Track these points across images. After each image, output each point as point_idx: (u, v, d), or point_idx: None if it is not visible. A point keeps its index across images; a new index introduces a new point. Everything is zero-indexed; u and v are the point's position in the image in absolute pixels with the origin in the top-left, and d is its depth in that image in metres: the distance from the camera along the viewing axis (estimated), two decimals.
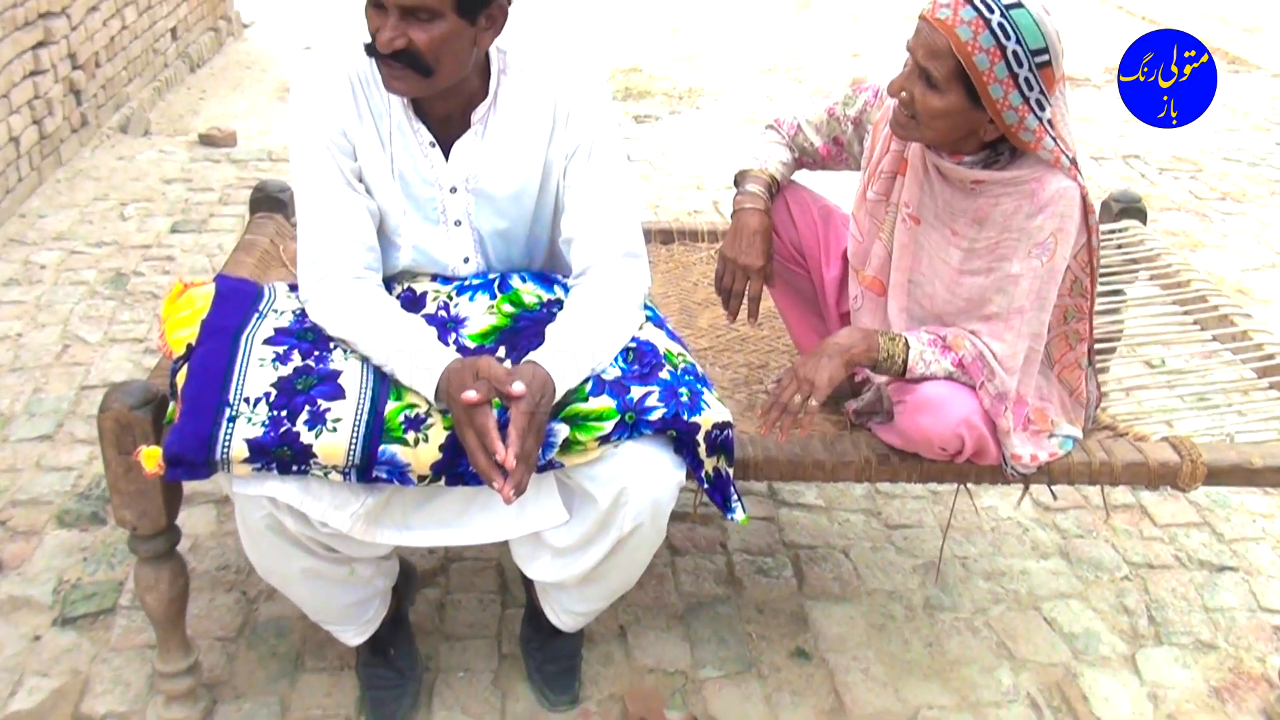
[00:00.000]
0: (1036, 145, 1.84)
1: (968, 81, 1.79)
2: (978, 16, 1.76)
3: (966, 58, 1.76)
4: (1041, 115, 1.82)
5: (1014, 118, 1.80)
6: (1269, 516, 2.81)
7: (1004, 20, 1.76)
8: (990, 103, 1.79)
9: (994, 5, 1.76)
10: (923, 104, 1.84)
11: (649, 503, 1.81)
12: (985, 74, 1.77)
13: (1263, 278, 4.07)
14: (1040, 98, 1.81)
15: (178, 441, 1.73)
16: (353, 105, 1.89)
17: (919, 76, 1.84)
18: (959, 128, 1.86)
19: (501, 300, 1.97)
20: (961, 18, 1.76)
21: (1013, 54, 1.76)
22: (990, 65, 1.76)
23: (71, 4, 4.76)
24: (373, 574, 2.02)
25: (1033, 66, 1.77)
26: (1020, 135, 1.83)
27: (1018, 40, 1.76)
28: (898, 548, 2.66)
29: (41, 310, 3.61)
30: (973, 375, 1.91)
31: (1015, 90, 1.78)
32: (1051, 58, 1.79)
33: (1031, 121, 1.81)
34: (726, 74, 6.66)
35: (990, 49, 1.75)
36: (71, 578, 2.48)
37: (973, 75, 1.77)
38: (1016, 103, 1.79)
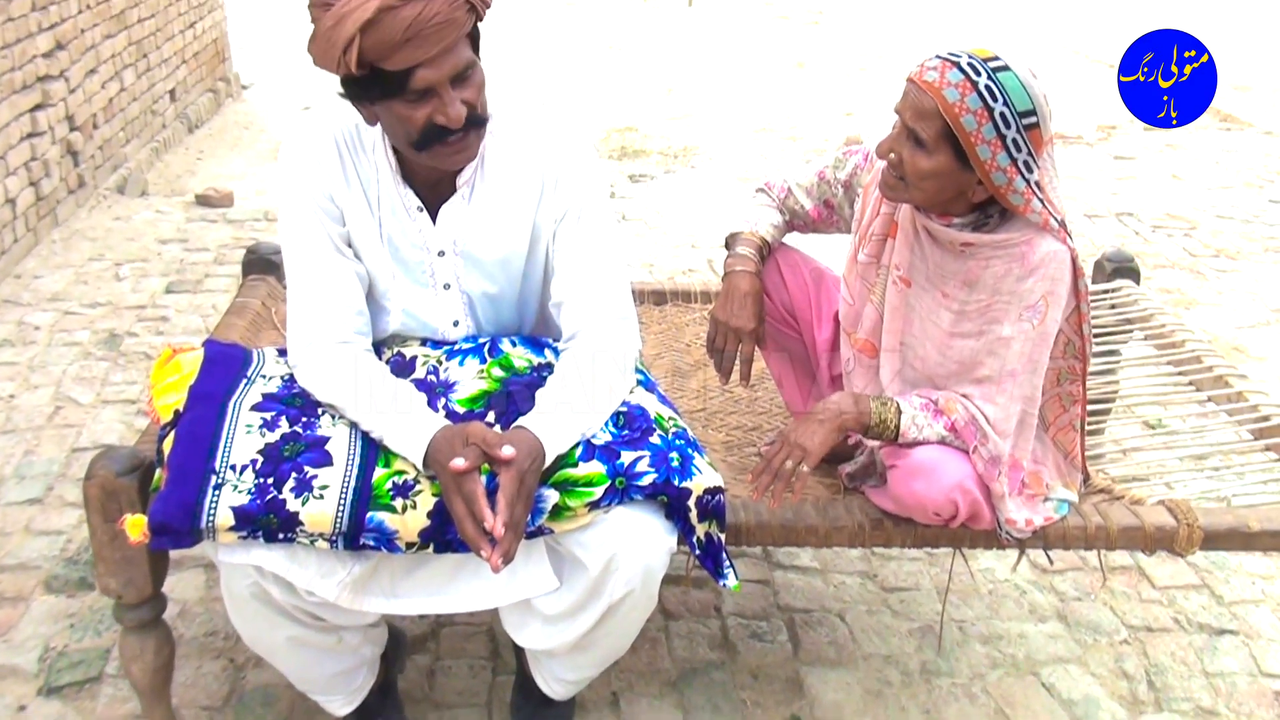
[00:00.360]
0: (1026, 208, 1.85)
1: (956, 143, 1.80)
2: (965, 79, 1.77)
3: (954, 119, 1.77)
4: (1030, 177, 1.82)
5: (1003, 179, 1.81)
6: (1268, 578, 2.78)
7: (991, 82, 1.77)
8: (979, 164, 1.80)
9: (980, 68, 1.77)
10: (911, 165, 1.84)
11: (640, 569, 1.79)
12: (973, 135, 1.77)
13: (1258, 335, 4.06)
14: (1028, 159, 1.81)
15: (163, 510, 1.71)
16: (340, 170, 1.89)
17: (907, 138, 1.84)
18: (948, 189, 1.87)
19: (492, 364, 1.97)
20: (949, 80, 1.77)
21: (1000, 115, 1.77)
22: (978, 126, 1.77)
23: (70, 67, 4.81)
24: (360, 642, 2.00)
25: (1020, 128, 1.78)
26: (1009, 197, 1.83)
27: (1005, 102, 1.77)
28: (894, 611, 2.63)
29: (34, 371, 3.60)
30: (965, 439, 1.90)
31: (1003, 151, 1.78)
32: (1039, 120, 1.80)
33: (1020, 183, 1.82)
34: (721, 133, 6.71)
35: (978, 110, 1.76)
36: (58, 645, 2.44)
37: (960, 136, 1.78)
38: (1005, 164, 1.79)
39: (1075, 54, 9.20)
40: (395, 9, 1.65)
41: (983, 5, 11.06)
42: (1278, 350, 3.95)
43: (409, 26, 1.66)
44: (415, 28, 1.66)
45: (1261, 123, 6.95)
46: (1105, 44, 9.25)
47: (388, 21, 1.65)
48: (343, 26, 1.66)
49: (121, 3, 5.42)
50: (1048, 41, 9.62)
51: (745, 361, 2.16)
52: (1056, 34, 9.84)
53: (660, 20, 10.64)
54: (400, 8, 1.65)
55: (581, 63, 8.64)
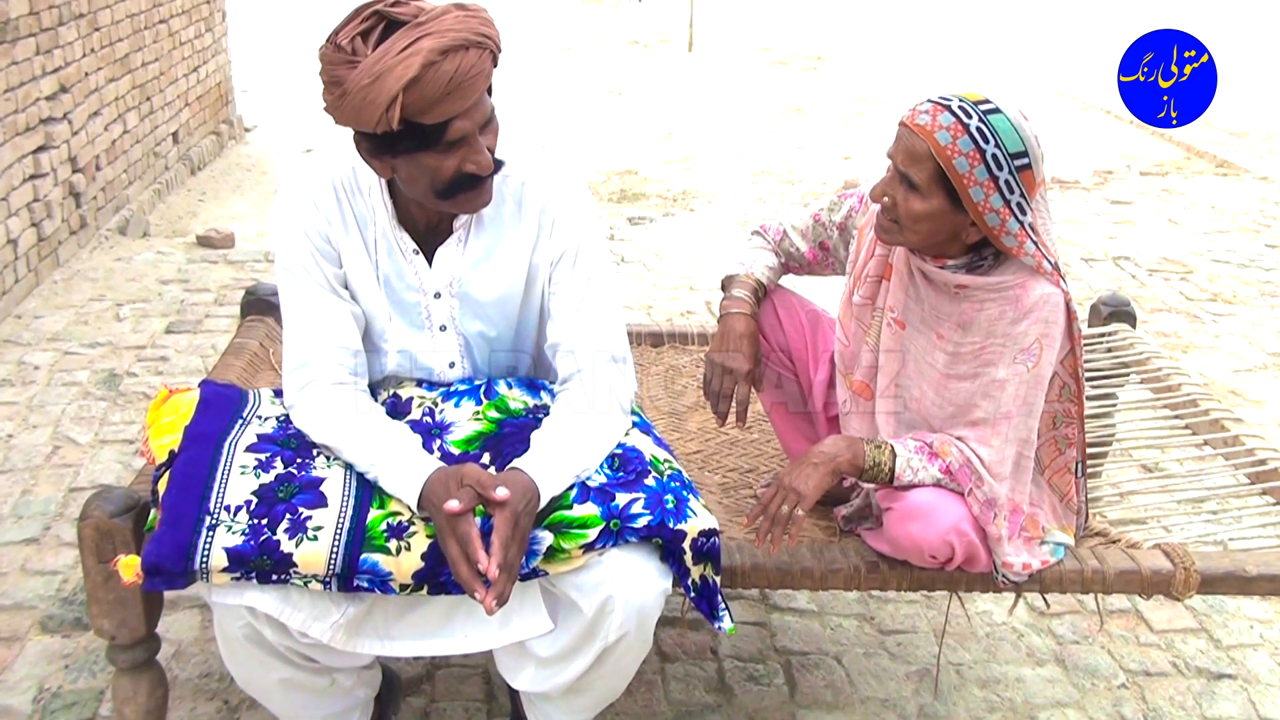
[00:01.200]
0: (1019, 250, 1.86)
1: (949, 185, 1.81)
2: (956, 121, 1.79)
3: (946, 161, 1.79)
4: (1023, 219, 1.84)
5: (996, 220, 1.82)
6: (1267, 623, 2.77)
7: (982, 125, 1.79)
8: (971, 205, 1.81)
9: (972, 110, 1.80)
10: (905, 208, 1.86)
11: (634, 611, 1.78)
12: (965, 177, 1.79)
13: (1254, 379, 4.07)
14: (1021, 201, 1.83)
15: (156, 551, 1.71)
16: (337, 212, 1.91)
17: (900, 181, 1.86)
18: (941, 230, 1.88)
19: (488, 406, 1.97)
20: (940, 123, 1.79)
21: (992, 157, 1.79)
22: (970, 168, 1.78)
23: (73, 109, 4.86)
24: (354, 684, 1.99)
25: (1012, 169, 1.80)
26: (1003, 239, 1.85)
27: (996, 144, 1.79)
28: (891, 654, 2.62)
29: (33, 411, 3.61)
30: (960, 482, 1.90)
31: (996, 193, 1.80)
32: (1031, 161, 1.82)
33: (1013, 224, 1.83)
34: (720, 177, 6.77)
35: (969, 153, 1.78)
36: (52, 686, 2.43)
37: (953, 178, 1.80)
38: (998, 205, 1.81)
39: (1071, 100, 9.29)
40: (437, 64, 1.67)
41: (978, 52, 11.18)
42: (1274, 394, 3.96)
43: (449, 81, 1.68)
44: (455, 81, 1.69)
45: (1257, 169, 7.01)
46: (1100, 90, 9.34)
47: (430, 77, 1.67)
48: (383, 84, 1.66)
49: (126, 47, 5.49)
50: (1043, 87, 9.71)
51: (741, 403, 2.16)
52: (1051, 80, 9.94)
53: (660, 66, 10.76)
54: (441, 63, 1.67)
55: (582, 107, 8.72)
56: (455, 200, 1.82)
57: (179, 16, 6.28)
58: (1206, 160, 7.18)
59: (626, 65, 10.77)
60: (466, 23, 1.71)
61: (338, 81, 1.70)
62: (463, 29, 1.70)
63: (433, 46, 1.66)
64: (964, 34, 12.87)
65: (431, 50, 1.66)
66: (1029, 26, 13.64)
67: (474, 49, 1.70)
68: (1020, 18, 14.45)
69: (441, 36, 1.68)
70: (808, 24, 13.76)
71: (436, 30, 1.68)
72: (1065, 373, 2.01)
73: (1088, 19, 14.25)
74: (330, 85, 1.72)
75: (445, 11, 1.72)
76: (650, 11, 14.65)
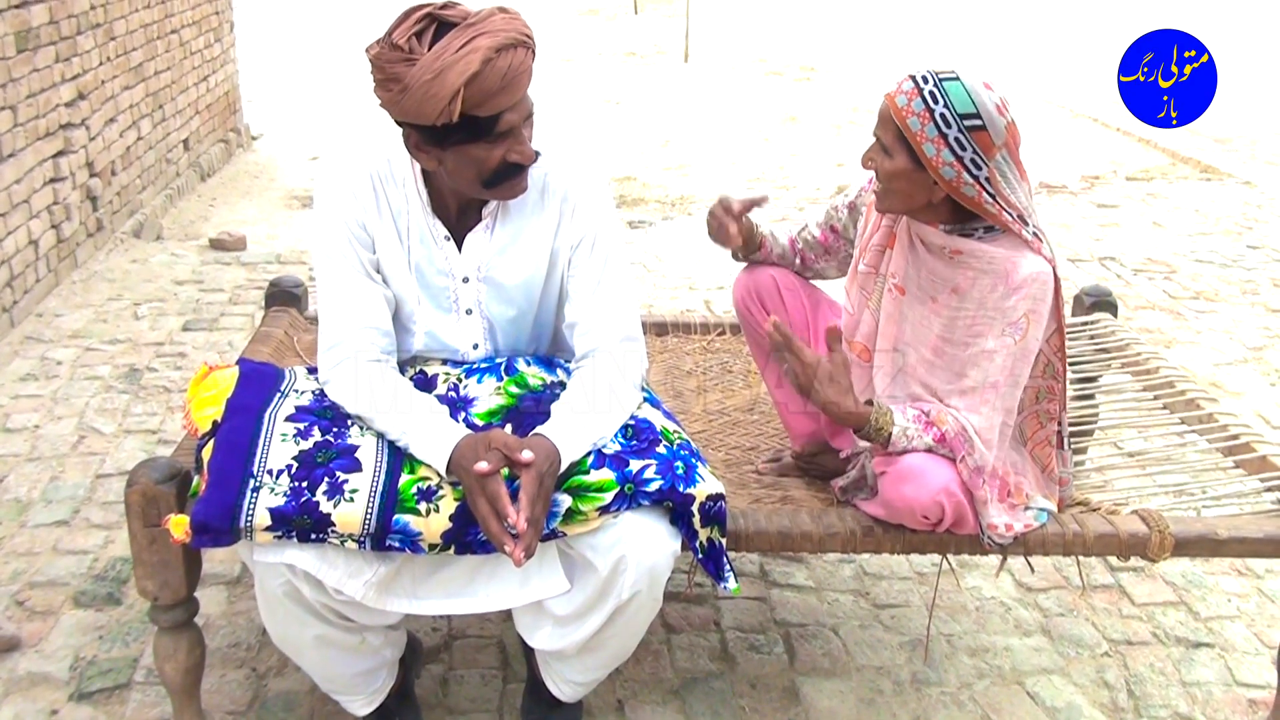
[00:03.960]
0: (979, 200, 2.03)
1: (908, 144, 2.01)
2: (914, 87, 2.00)
3: (901, 120, 2.00)
4: (977, 174, 2.00)
5: (951, 174, 2.00)
6: (1243, 596, 2.90)
7: (935, 89, 1.99)
8: (926, 160, 2.00)
9: (929, 76, 2.01)
10: (881, 169, 2.08)
11: (646, 570, 1.92)
12: (918, 134, 1.99)
13: (1235, 372, 4.22)
14: (975, 158, 2.00)
15: (204, 510, 1.84)
16: (373, 201, 2.05)
17: (877, 146, 2.08)
18: (914, 191, 2.06)
19: (508, 382, 2.11)
20: (902, 89, 2.02)
21: (940, 116, 1.98)
22: (921, 126, 1.99)
23: (91, 115, 5.00)
24: (381, 643, 2.11)
25: (962, 128, 1.98)
26: (962, 190, 2.02)
27: (945, 105, 1.98)
28: (885, 626, 2.75)
29: (58, 404, 3.74)
30: (955, 449, 2.04)
31: (946, 148, 1.98)
32: (985, 122, 1.99)
33: (968, 177, 2.00)
34: (717, 183, 6.92)
35: (920, 112, 1.99)
36: (88, 655, 2.56)
37: (908, 135, 2.00)
38: (949, 159, 1.99)
39: (1060, 108, 9.46)
40: (493, 60, 1.82)
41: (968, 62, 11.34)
42: (1254, 387, 4.11)
43: (504, 75, 1.84)
44: (509, 76, 1.85)
45: (1240, 173, 7.17)
46: (1088, 98, 9.52)
47: (488, 72, 1.82)
48: (445, 79, 1.80)
49: (140, 56, 5.63)
50: (1033, 96, 9.88)
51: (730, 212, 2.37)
52: (1041, 89, 10.12)
53: (657, 77, 10.92)
54: (497, 59, 1.83)
55: (582, 116, 8.87)
56: (499, 188, 1.98)
57: (190, 27, 6.43)
58: (1191, 165, 7.34)
59: (624, 75, 10.93)
60: (512, 23, 1.87)
61: (396, 79, 1.84)
62: (510, 29, 1.86)
63: (490, 45, 1.82)
64: (954, 44, 13.05)
65: (489, 48, 1.82)
66: (1019, 37, 13.83)
67: (521, 48, 1.87)
68: (1010, 28, 14.63)
69: (495, 35, 1.83)
70: (801, 36, 13.95)
71: (489, 30, 1.84)
72: (1050, 350, 2.15)
73: (1077, 29, 14.45)
74: (387, 82, 1.85)
75: (491, 14, 1.88)
76: (647, 23, 14.83)
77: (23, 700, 2.42)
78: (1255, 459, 2.45)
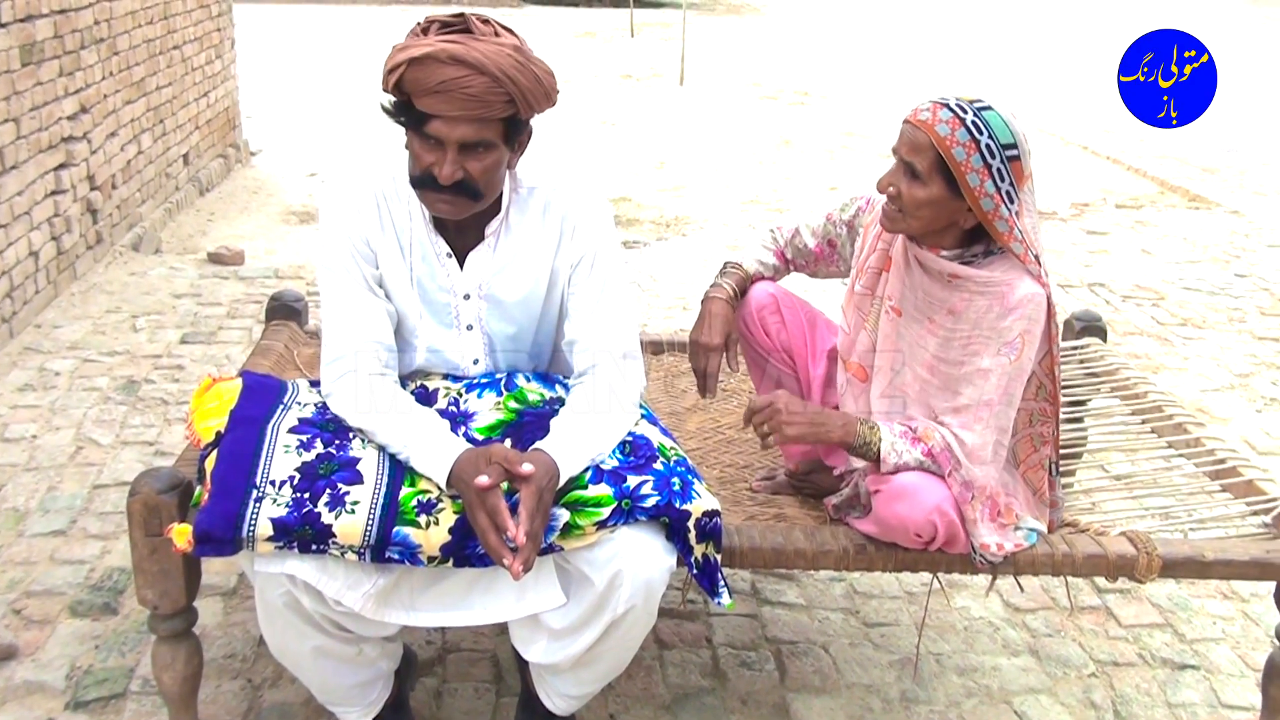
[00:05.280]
0: (1009, 235, 2.06)
1: (948, 173, 2.03)
2: (954, 116, 2.02)
3: (946, 150, 2.01)
4: (1012, 207, 2.05)
5: (990, 205, 2.03)
6: (1229, 619, 2.94)
7: (977, 119, 2.02)
8: (968, 190, 2.02)
9: (967, 107, 2.03)
10: (909, 196, 2.08)
11: (642, 585, 1.94)
12: (963, 164, 2.01)
13: (1221, 398, 4.27)
14: (1011, 189, 2.04)
15: (207, 520, 1.87)
16: (376, 218, 2.09)
17: (904, 172, 2.08)
18: (941, 217, 2.09)
19: (508, 397, 2.14)
20: (940, 117, 2.03)
21: (986, 147, 2.01)
22: (967, 156, 2.00)
23: (93, 129, 5.04)
24: (378, 655, 2.14)
25: (1004, 159, 2.02)
26: (995, 224, 2.05)
27: (990, 135, 2.01)
28: (875, 644, 2.78)
29: (56, 414, 3.76)
30: (941, 464, 2.08)
31: (990, 179, 2.01)
32: (1020, 154, 2.04)
33: (1005, 210, 2.04)
34: (711, 204, 6.97)
35: (966, 143, 2.00)
36: (84, 664, 2.57)
37: (952, 166, 2.02)
38: (991, 190, 2.02)
39: (1051, 136, 9.55)
40: (440, 63, 1.89)
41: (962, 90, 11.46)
42: (1240, 413, 4.16)
43: (442, 82, 1.89)
44: (446, 86, 1.89)
45: (1228, 202, 7.25)
46: (1080, 127, 9.62)
47: (428, 67, 1.90)
48: (401, 54, 1.92)
49: (142, 71, 5.68)
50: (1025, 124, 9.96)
51: (711, 375, 2.38)
52: (1034, 117, 10.21)
53: (652, 99, 10.99)
54: (446, 65, 1.89)
55: (578, 138, 8.93)
56: (422, 194, 2.02)
57: (191, 43, 6.48)
58: (1179, 194, 7.42)
59: (620, 97, 11.01)
60: (502, 58, 1.91)
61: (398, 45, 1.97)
62: (490, 58, 1.90)
63: (451, 51, 1.89)
64: (948, 72, 13.16)
65: (447, 52, 1.89)
66: (1012, 65, 13.95)
67: (487, 78, 1.89)
68: (1003, 56, 14.76)
69: (468, 50, 1.89)
70: (796, 61, 14.06)
71: (471, 45, 1.90)
72: (1042, 372, 2.19)
73: (1069, 58, 14.58)
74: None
75: (501, 44, 1.93)
76: (643, 46, 14.93)
77: (19, 709, 2.43)
78: (1241, 483, 2.49)
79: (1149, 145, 9.02)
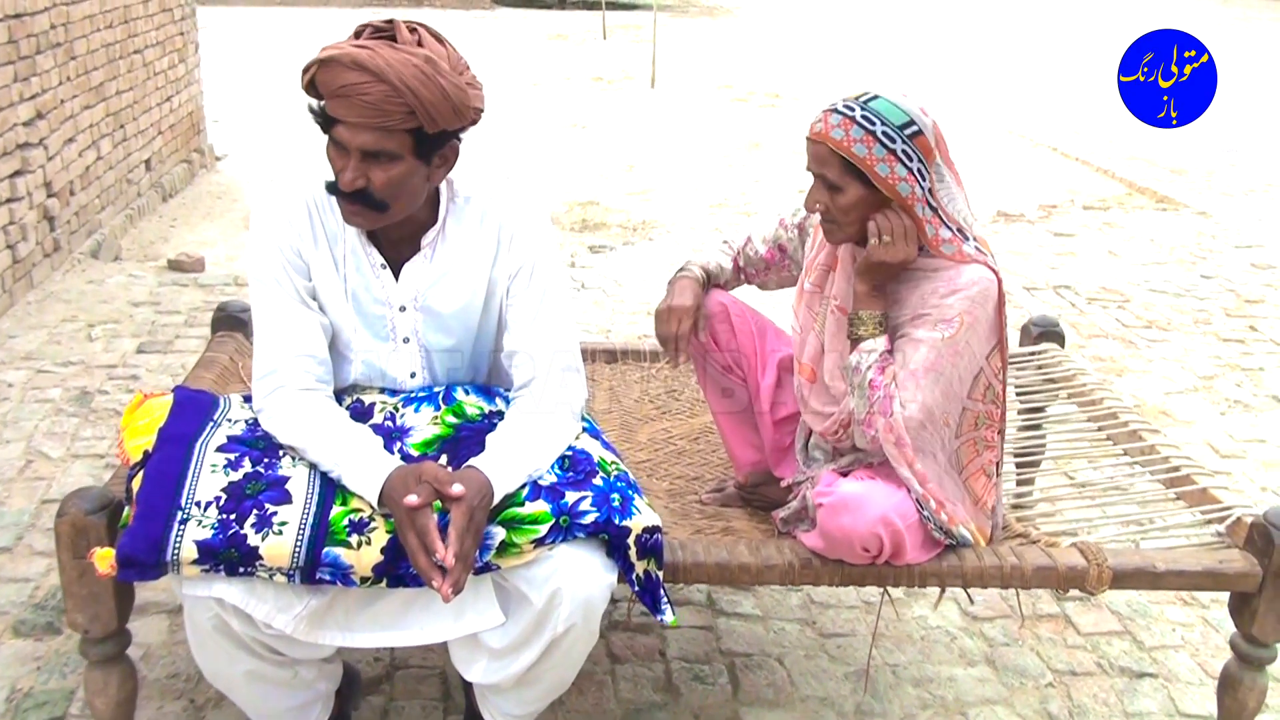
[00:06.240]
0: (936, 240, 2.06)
1: (858, 172, 2.04)
2: (844, 118, 2.04)
3: (848, 151, 2.02)
4: (925, 185, 2.04)
5: (907, 189, 2.03)
6: (1188, 626, 2.92)
7: (865, 112, 2.04)
8: (882, 182, 2.03)
9: (854, 105, 2.05)
10: (835, 206, 2.09)
11: (581, 603, 1.91)
12: (867, 159, 2.02)
13: (1184, 400, 4.26)
14: (921, 167, 2.04)
15: (130, 543, 1.82)
16: (309, 229, 2.05)
17: (822, 185, 2.09)
18: (870, 216, 2.08)
19: (446, 411, 2.10)
20: (831, 123, 2.05)
21: (883, 134, 2.02)
22: (869, 150, 2.02)
23: (49, 135, 4.96)
24: (315, 677, 2.09)
25: (905, 139, 2.03)
26: (914, 209, 2.04)
27: (883, 122, 2.02)
28: (831, 656, 2.75)
29: (6, 427, 3.69)
30: (883, 406, 2.07)
31: (899, 163, 2.02)
32: (921, 129, 2.04)
33: (919, 191, 2.04)
34: (679, 208, 6.94)
35: (862, 138, 2.02)
36: (25, 686, 2.51)
37: (858, 163, 2.02)
38: (903, 174, 2.03)
39: (1021, 138, 9.56)
40: (343, 67, 1.86)
41: (931, 92, 11.47)
42: (1203, 415, 4.15)
43: (343, 86, 1.86)
44: (346, 91, 1.86)
45: (1195, 204, 7.26)
46: (1049, 128, 9.63)
47: (333, 70, 1.87)
48: (322, 53, 1.89)
49: (101, 76, 5.60)
50: (994, 126, 9.99)
51: (682, 338, 2.34)
52: (1002, 119, 10.23)
53: (623, 102, 10.95)
54: (347, 70, 1.86)
55: (547, 140, 8.88)
56: (339, 201, 1.98)
57: (153, 48, 6.40)
58: (1147, 195, 7.43)
59: (591, 100, 10.96)
60: (406, 68, 1.86)
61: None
62: (392, 67, 1.85)
63: (355, 56, 1.86)
64: (918, 74, 13.18)
65: (350, 57, 1.86)
66: (980, 66, 13.98)
67: (386, 86, 1.85)
68: (971, 57, 14.80)
69: (372, 56, 1.86)
70: (768, 63, 14.04)
71: (378, 51, 1.87)
72: (990, 371, 2.16)
73: (1040, 59, 14.64)
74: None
75: (410, 54, 1.88)
76: (615, 49, 14.89)
77: None
78: (1195, 491, 2.47)
79: (1118, 146, 9.03)
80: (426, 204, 2.06)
